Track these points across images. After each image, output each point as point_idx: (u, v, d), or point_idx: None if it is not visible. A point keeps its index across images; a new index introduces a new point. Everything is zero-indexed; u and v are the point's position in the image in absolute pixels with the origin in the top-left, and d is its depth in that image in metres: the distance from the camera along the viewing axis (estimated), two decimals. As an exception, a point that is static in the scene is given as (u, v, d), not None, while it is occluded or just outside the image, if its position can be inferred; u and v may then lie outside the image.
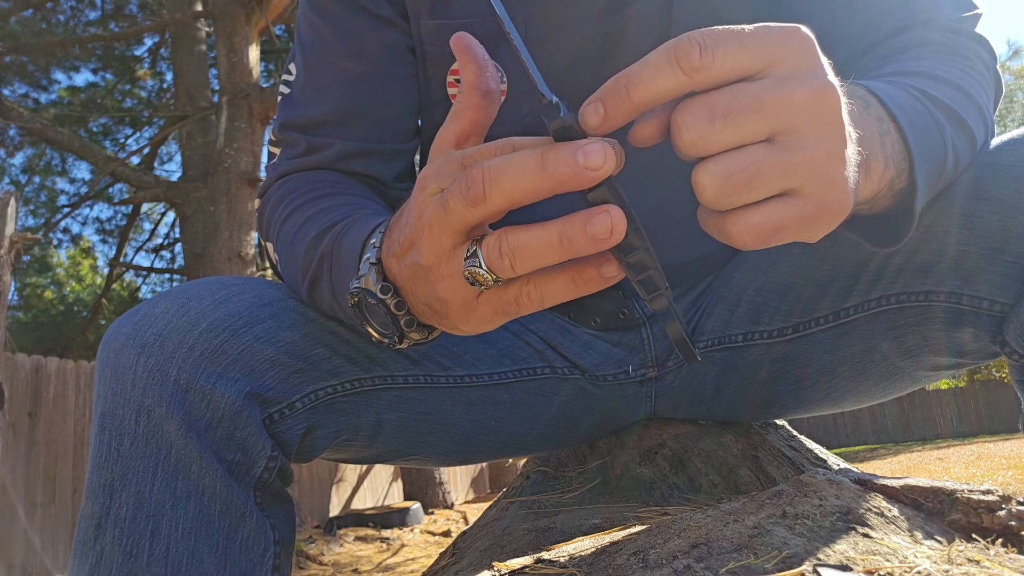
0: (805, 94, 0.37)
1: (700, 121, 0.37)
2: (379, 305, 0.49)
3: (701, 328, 0.77)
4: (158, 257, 10.82)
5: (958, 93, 0.55)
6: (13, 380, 4.24)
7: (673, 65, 0.37)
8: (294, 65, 0.77)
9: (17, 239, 3.79)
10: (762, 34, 0.38)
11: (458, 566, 0.70)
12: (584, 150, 0.37)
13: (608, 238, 0.37)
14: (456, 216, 0.41)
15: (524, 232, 0.39)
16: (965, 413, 15.55)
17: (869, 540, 0.45)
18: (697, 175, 0.38)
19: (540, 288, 0.42)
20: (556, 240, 0.38)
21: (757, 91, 0.37)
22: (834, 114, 0.38)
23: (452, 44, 0.42)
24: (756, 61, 0.37)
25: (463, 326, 0.47)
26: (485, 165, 0.39)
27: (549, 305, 0.42)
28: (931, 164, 0.50)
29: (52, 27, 8.60)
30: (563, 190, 0.38)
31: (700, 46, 0.37)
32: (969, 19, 0.64)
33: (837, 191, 0.39)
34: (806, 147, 0.38)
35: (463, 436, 0.74)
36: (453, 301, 0.45)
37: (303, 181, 0.71)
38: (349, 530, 6.18)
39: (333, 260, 0.57)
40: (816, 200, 0.39)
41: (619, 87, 0.39)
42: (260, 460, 0.59)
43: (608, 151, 0.37)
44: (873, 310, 0.66)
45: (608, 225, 0.37)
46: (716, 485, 0.76)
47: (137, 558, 0.54)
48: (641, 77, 0.38)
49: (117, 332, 0.59)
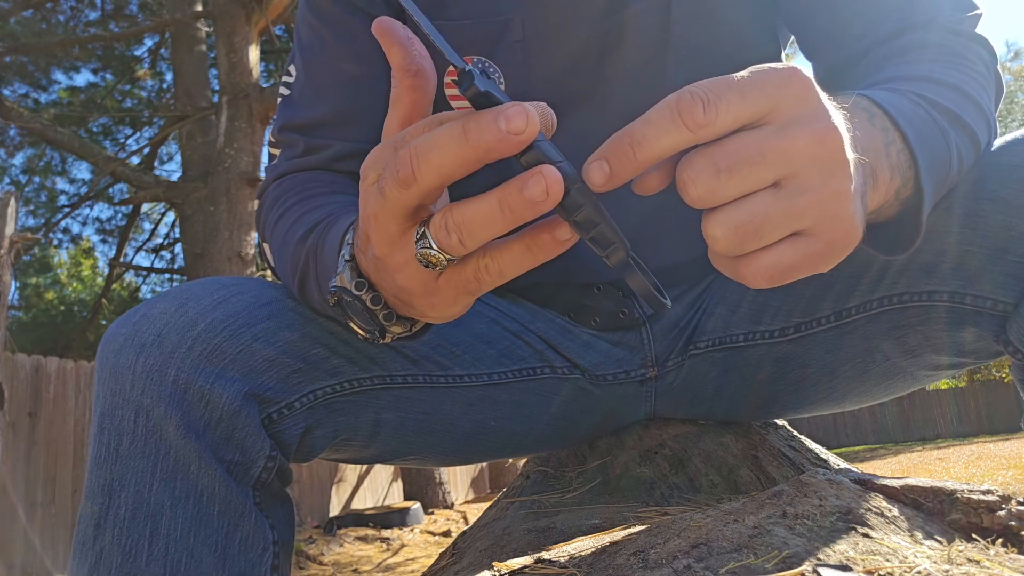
0: (807, 139, 0.38)
1: (705, 176, 0.37)
2: (356, 301, 0.49)
3: (702, 328, 0.77)
4: (158, 257, 10.84)
5: (959, 95, 0.55)
6: (13, 380, 4.24)
7: (677, 123, 0.37)
8: (294, 66, 0.77)
9: (17, 239, 3.79)
10: (761, 81, 0.38)
11: (458, 566, 0.70)
12: (505, 115, 0.36)
13: (546, 199, 0.36)
14: (393, 201, 0.40)
15: (466, 206, 0.38)
16: (965, 413, 15.56)
17: (869, 540, 0.45)
18: (708, 227, 0.39)
19: (497, 260, 0.41)
20: (497, 208, 0.37)
21: (760, 141, 0.38)
22: (837, 155, 0.39)
23: (373, 30, 0.41)
24: (757, 110, 0.38)
25: (431, 312, 0.47)
26: (411, 144, 0.39)
27: (510, 277, 0.42)
28: (936, 171, 0.50)
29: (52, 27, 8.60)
30: (492, 158, 0.37)
31: (703, 102, 0.37)
32: (970, 19, 0.64)
33: (845, 226, 0.40)
34: (811, 190, 0.38)
35: (462, 436, 0.74)
36: (414, 288, 0.45)
37: (298, 181, 0.71)
38: (349, 530, 6.18)
39: (317, 259, 0.57)
40: (825, 238, 0.40)
41: (623, 145, 0.38)
42: (259, 460, 0.59)
43: (529, 113, 0.36)
44: (875, 310, 0.66)
45: (543, 186, 0.36)
46: (716, 485, 0.76)
47: (136, 558, 0.54)
48: (645, 135, 0.38)
49: (116, 333, 0.59)
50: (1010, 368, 0.61)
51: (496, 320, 0.77)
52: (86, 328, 9.29)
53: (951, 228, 0.59)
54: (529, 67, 0.72)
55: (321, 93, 0.74)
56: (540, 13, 0.71)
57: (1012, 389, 14.74)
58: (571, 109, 0.74)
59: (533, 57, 0.72)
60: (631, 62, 0.73)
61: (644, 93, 0.75)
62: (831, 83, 0.72)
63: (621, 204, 0.69)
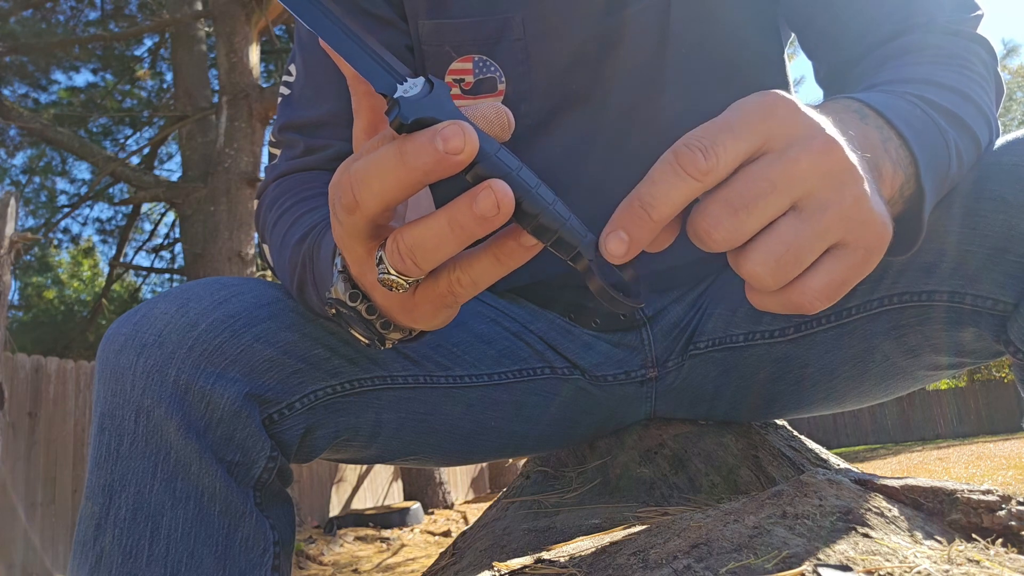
0: (809, 158, 0.38)
1: (725, 219, 0.37)
2: (352, 312, 0.49)
3: (702, 329, 0.77)
4: (158, 257, 10.83)
5: (957, 96, 0.55)
6: (13, 380, 4.24)
7: (681, 175, 0.37)
8: (294, 66, 0.77)
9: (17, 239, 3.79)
10: (749, 115, 0.38)
11: (458, 566, 0.70)
12: (442, 135, 0.34)
13: (497, 214, 0.35)
14: (346, 226, 0.40)
15: (416, 228, 0.37)
16: (965, 413, 15.55)
17: (869, 540, 0.45)
18: (746, 267, 0.38)
19: (467, 273, 0.41)
20: (447, 228, 0.36)
21: (766, 171, 0.38)
22: (843, 163, 0.39)
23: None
24: (753, 143, 0.38)
25: (415, 325, 0.47)
26: (351, 169, 0.38)
27: (485, 287, 0.41)
28: (936, 168, 0.50)
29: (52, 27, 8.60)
30: (434, 179, 0.35)
31: (701, 150, 0.37)
32: (970, 20, 0.63)
33: (875, 227, 0.40)
34: (831, 203, 0.38)
35: (463, 436, 0.74)
36: (391, 305, 0.45)
37: (297, 182, 0.71)
38: (349, 530, 6.18)
39: (313, 264, 0.57)
40: (861, 244, 0.40)
41: (636, 210, 0.38)
42: (260, 460, 0.59)
43: (467, 131, 0.34)
44: (875, 310, 0.66)
45: (492, 201, 0.35)
46: (716, 485, 0.76)
47: (137, 559, 0.54)
48: (655, 195, 0.38)
49: (116, 333, 0.59)
50: (1010, 368, 0.61)
51: (496, 320, 0.77)
52: (86, 328, 9.29)
53: (951, 228, 0.59)
54: (530, 66, 0.73)
55: (321, 93, 0.74)
56: (540, 12, 0.71)
57: (1012, 389, 14.74)
58: (571, 108, 0.74)
59: (534, 56, 0.72)
60: (631, 62, 0.73)
61: (643, 92, 0.75)
62: (832, 83, 0.72)
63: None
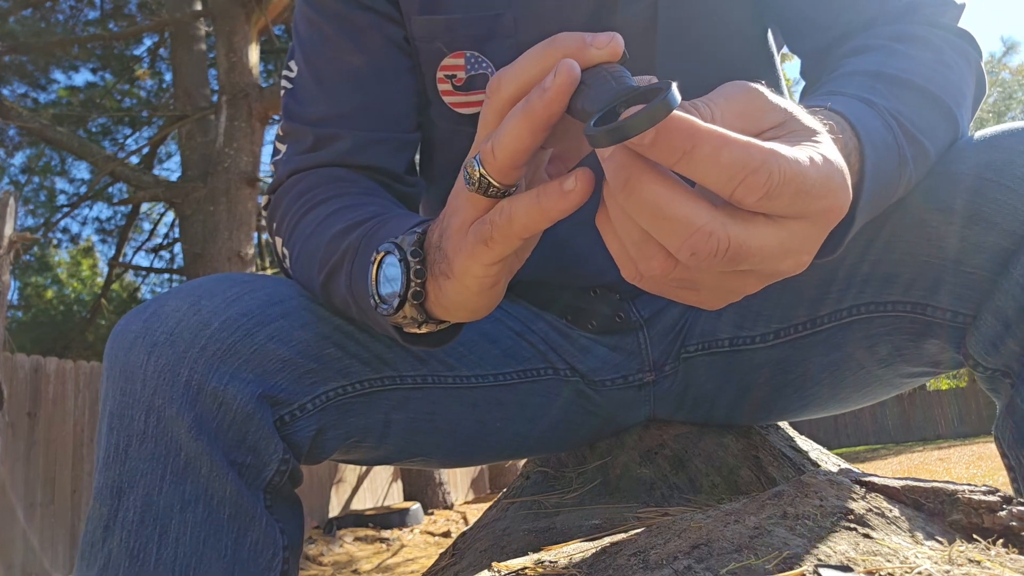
0: (795, 154, 0.37)
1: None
2: (402, 262, 0.50)
3: (691, 331, 0.77)
4: (157, 257, 10.83)
5: (925, 100, 0.55)
6: (12, 380, 4.23)
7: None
8: (294, 62, 0.77)
9: (17, 239, 3.79)
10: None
11: (458, 567, 0.70)
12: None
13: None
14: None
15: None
16: (966, 413, 15.55)
17: (870, 540, 0.44)
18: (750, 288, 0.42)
19: (511, 203, 0.43)
20: (521, 115, 0.41)
21: (760, 150, 0.36)
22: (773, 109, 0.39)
23: None
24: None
25: (457, 311, 0.50)
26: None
27: (518, 224, 0.42)
28: (876, 202, 0.50)
29: (51, 27, 8.60)
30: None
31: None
32: (952, 13, 0.63)
33: (837, 195, 0.39)
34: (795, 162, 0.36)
35: (467, 437, 0.74)
36: (444, 291, 0.49)
37: (324, 177, 0.71)
38: (349, 531, 6.18)
39: (358, 254, 0.56)
40: (821, 221, 0.39)
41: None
42: (272, 463, 0.58)
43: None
44: (846, 319, 0.66)
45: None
46: (717, 486, 0.76)
47: (144, 562, 0.53)
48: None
49: (126, 329, 0.58)
50: (976, 379, 0.60)
51: (499, 319, 0.77)
52: (85, 328, 9.29)
53: (909, 239, 0.59)
54: None
55: (326, 87, 0.74)
56: (531, 9, 0.71)
57: (1012, 389, 14.67)
58: None
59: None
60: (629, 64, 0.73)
61: None
62: (809, 70, 0.72)
63: None
